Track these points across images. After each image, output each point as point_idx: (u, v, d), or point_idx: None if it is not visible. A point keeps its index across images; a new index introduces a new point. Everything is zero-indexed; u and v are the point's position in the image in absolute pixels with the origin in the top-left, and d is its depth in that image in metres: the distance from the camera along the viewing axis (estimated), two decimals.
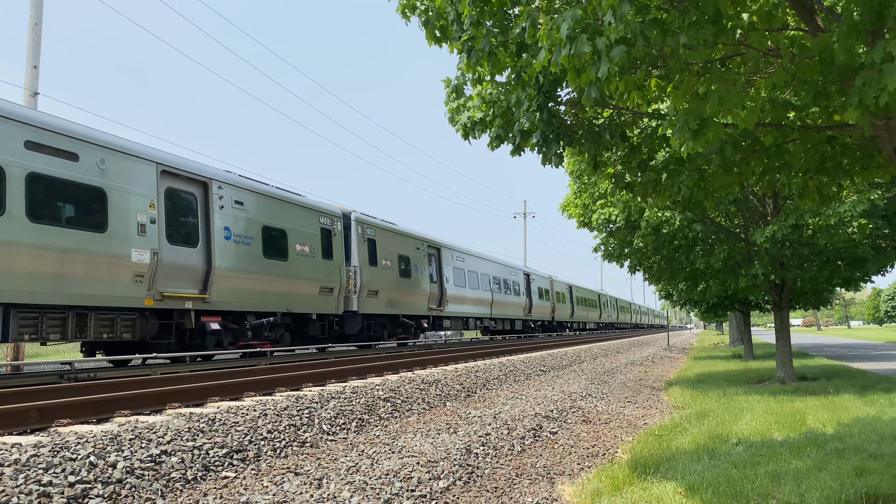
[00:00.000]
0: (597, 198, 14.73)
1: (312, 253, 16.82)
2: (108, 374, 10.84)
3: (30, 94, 15.07)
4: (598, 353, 25.08)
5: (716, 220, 14.09)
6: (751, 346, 24.93)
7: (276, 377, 10.09)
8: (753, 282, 13.08)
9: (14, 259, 9.73)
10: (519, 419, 8.82)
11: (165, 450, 5.73)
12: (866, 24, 3.55)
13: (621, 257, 15.96)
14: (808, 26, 4.24)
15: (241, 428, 6.82)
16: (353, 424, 8.14)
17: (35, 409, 6.72)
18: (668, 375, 18.03)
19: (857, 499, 4.85)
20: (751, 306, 22.90)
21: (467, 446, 6.98)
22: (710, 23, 3.83)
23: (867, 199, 11.15)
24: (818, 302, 18.39)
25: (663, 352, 31.11)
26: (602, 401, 11.63)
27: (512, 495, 5.60)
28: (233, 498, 5.00)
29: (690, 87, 4.45)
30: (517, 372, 15.46)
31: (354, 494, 5.15)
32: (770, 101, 4.87)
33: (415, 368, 13.83)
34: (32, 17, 15.51)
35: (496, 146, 6.00)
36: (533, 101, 5.32)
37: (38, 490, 4.53)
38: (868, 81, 3.48)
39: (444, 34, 5.43)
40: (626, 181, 6.69)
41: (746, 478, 5.51)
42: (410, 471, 5.88)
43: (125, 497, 4.88)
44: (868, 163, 5.48)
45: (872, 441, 6.89)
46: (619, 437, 8.45)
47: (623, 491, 5.44)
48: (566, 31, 3.86)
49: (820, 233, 11.85)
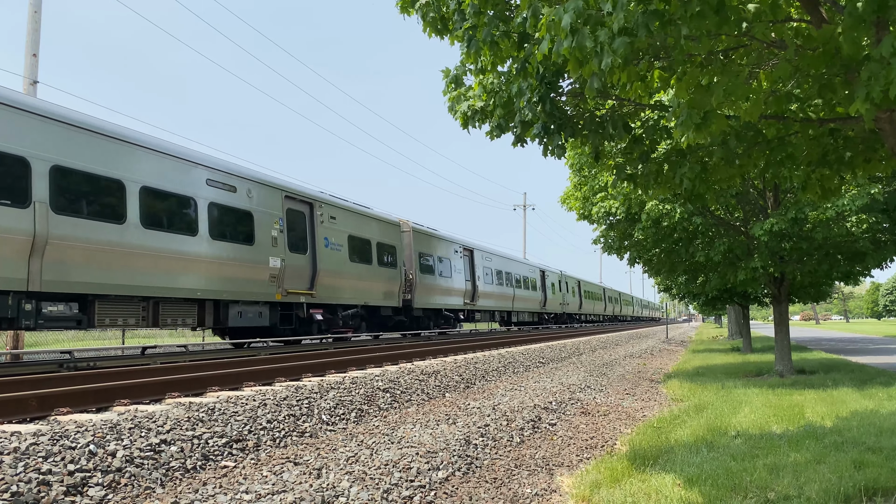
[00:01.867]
0: (597, 190, 14.71)
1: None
2: (107, 364, 10.85)
3: (29, 83, 15.01)
4: (597, 345, 25.12)
5: (716, 213, 14.07)
6: (749, 339, 24.95)
7: (275, 367, 10.10)
8: (753, 275, 13.07)
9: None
10: (518, 410, 8.83)
11: (165, 439, 5.74)
12: (870, 15, 3.52)
13: (621, 250, 15.96)
14: (812, 17, 4.21)
15: (241, 417, 6.83)
16: (352, 415, 8.15)
17: (34, 398, 6.72)
18: (666, 368, 18.06)
19: (855, 492, 4.85)
20: (750, 300, 22.92)
21: (466, 437, 6.99)
22: (714, 13, 3.80)
23: (867, 194, 11.12)
24: (817, 295, 18.42)
25: (662, 344, 31.17)
26: (601, 393, 11.65)
27: (511, 486, 5.61)
28: (232, 487, 5.01)
29: (693, 79, 4.42)
30: (516, 363, 15.47)
31: (354, 484, 5.16)
32: (773, 93, 4.84)
33: (414, 359, 13.84)
34: (32, 6, 15.43)
35: (496, 136, 5.97)
36: (535, 92, 5.29)
37: (38, 478, 4.53)
38: (874, 74, 3.46)
39: (444, 26, 5.39)
40: (628, 173, 6.66)
41: (745, 470, 5.52)
42: (410, 461, 5.89)
43: (124, 485, 4.89)
44: (870, 156, 5.46)
45: (871, 434, 6.90)
46: (618, 429, 8.46)
47: (622, 483, 5.45)
48: (568, 21, 3.83)
49: (818, 226, 11.82)
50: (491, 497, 5.29)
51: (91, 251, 10.74)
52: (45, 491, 4.46)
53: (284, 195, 15.94)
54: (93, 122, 11.13)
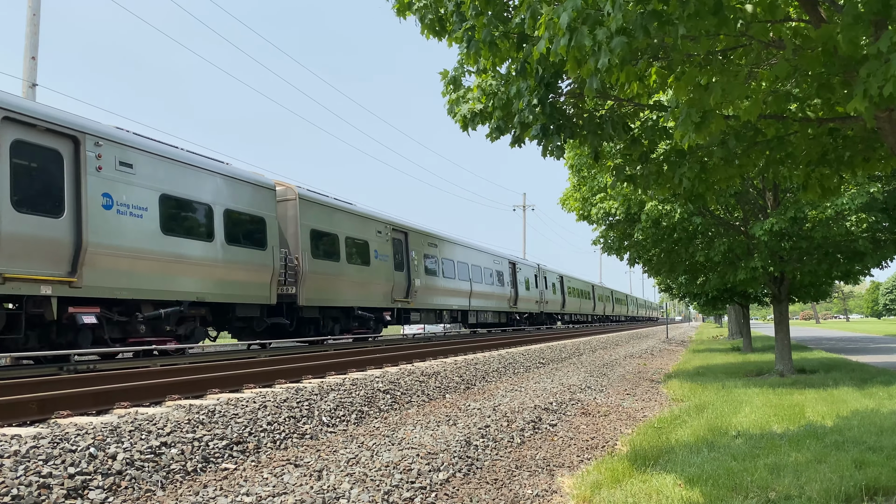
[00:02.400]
0: (596, 191, 14.71)
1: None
2: (107, 366, 10.83)
3: (28, 86, 15.01)
4: (597, 345, 25.12)
5: (715, 213, 14.07)
6: (749, 338, 24.95)
7: (275, 369, 10.09)
8: (752, 274, 13.07)
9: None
10: (518, 411, 8.83)
11: (165, 441, 5.73)
12: (870, 15, 3.52)
13: (621, 250, 15.97)
14: (810, 17, 4.20)
15: (241, 420, 6.82)
16: (352, 416, 8.14)
17: (35, 401, 6.71)
18: (666, 368, 18.06)
19: (856, 491, 4.85)
20: (750, 299, 22.92)
21: (467, 438, 6.99)
22: (711, 14, 3.80)
23: (866, 193, 11.12)
24: (817, 295, 18.42)
25: (662, 344, 31.16)
26: (601, 393, 11.65)
27: (512, 487, 5.61)
28: (233, 489, 5.00)
29: (692, 79, 4.42)
30: (516, 364, 15.47)
31: (354, 486, 5.15)
32: (772, 92, 4.84)
33: (414, 361, 13.84)
34: (31, 9, 15.42)
35: (496, 137, 5.97)
36: (534, 93, 5.29)
37: (38, 481, 4.53)
38: (873, 72, 3.46)
39: (442, 27, 5.39)
40: (627, 173, 6.66)
41: (746, 470, 5.52)
42: (410, 463, 5.88)
43: (125, 488, 4.89)
44: (870, 155, 5.46)
45: (871, 433, 6.89)
46: (619, 429, 8.46)
47: (623, 483, 5.45)
48: (566, 21, 3.83)
49: (818, 226, 11.82)
50: (492, 498, 5.28)
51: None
52: (45, 494, 4.45)
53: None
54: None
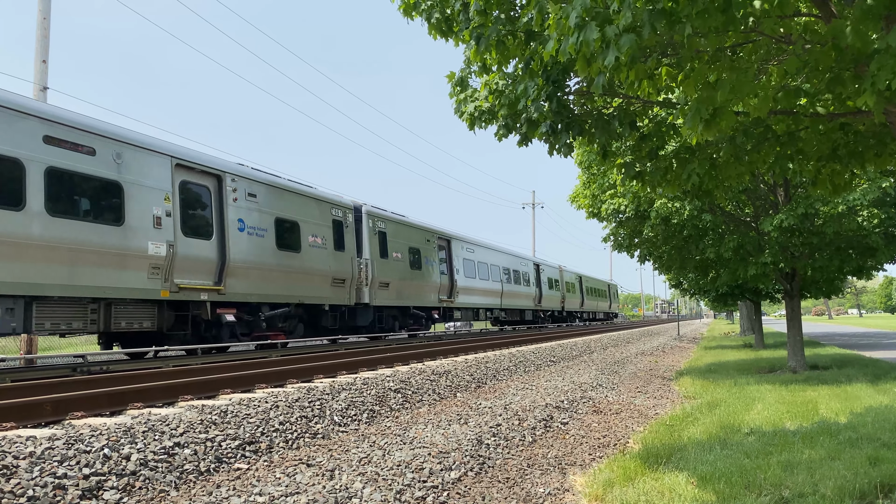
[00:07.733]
0: (606, 188, 14.68)
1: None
2: (120, 367, 10.92)
3: (39, 89, 15.12)
4: (608, 343, 25.05)
5: (725, 210, 14.00)
6: (761, 335, 24.82)
7: (287, 369, 10.14)
8: (763, 270, 13.01)
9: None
10: (530, 410, 8.82)
11: (178, 442, 5.77)
12: (880, 10, 3.50)
13: (631, 247, 15.93)
14: (820, 12, 4.18)
15: (254, 420, 6.86)
16: (364, 416, 8.16)
17: (49, 402, 6.77)
18: (678, 365, 17.99)
19: (870, 488, 4.82)
20: (761, 295, 22.79)
21: (478, 437, 7.00)
22: (720, 11, 3.78)
23: (878, 188, 11.03)
24: (829, 290, 18.26)
25: (673, 341, 31.04)
26: (612, 391, 11.62)
27: (524, 486, 5.61)
28: (246, 489, 5.03)
29: (702, 76, 4.40)
30: (527, 362, 15.46)
31: (367, 485, 5.17)
32: (782, 88, 4.81)
33: (425, 359, 13.86)
34: (41, 12, 15.54)
35: (504, 136, 5.97)
36: (542, 91, 5.28)
37: (54, 482, 4.57)
38: (883, 66, 3.43)
39: (449, 27, 5.39)
40: (636, 171, 6.64)
41: (759, 467, 5.49)
42: (422, 462, 5.90)
43: (139, 489, 4.92)
44: (881, 150, 5.42)
45: (886, 430, 6.84)
46: (631, 427, 8.44)
47: (635, 481, 5.43)
48: (575, 19, 3.83)
49: (829, 221, 11.74)
50: (504, 497, 5.29)
51: None
52: (60, 495, 4.50)
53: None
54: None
